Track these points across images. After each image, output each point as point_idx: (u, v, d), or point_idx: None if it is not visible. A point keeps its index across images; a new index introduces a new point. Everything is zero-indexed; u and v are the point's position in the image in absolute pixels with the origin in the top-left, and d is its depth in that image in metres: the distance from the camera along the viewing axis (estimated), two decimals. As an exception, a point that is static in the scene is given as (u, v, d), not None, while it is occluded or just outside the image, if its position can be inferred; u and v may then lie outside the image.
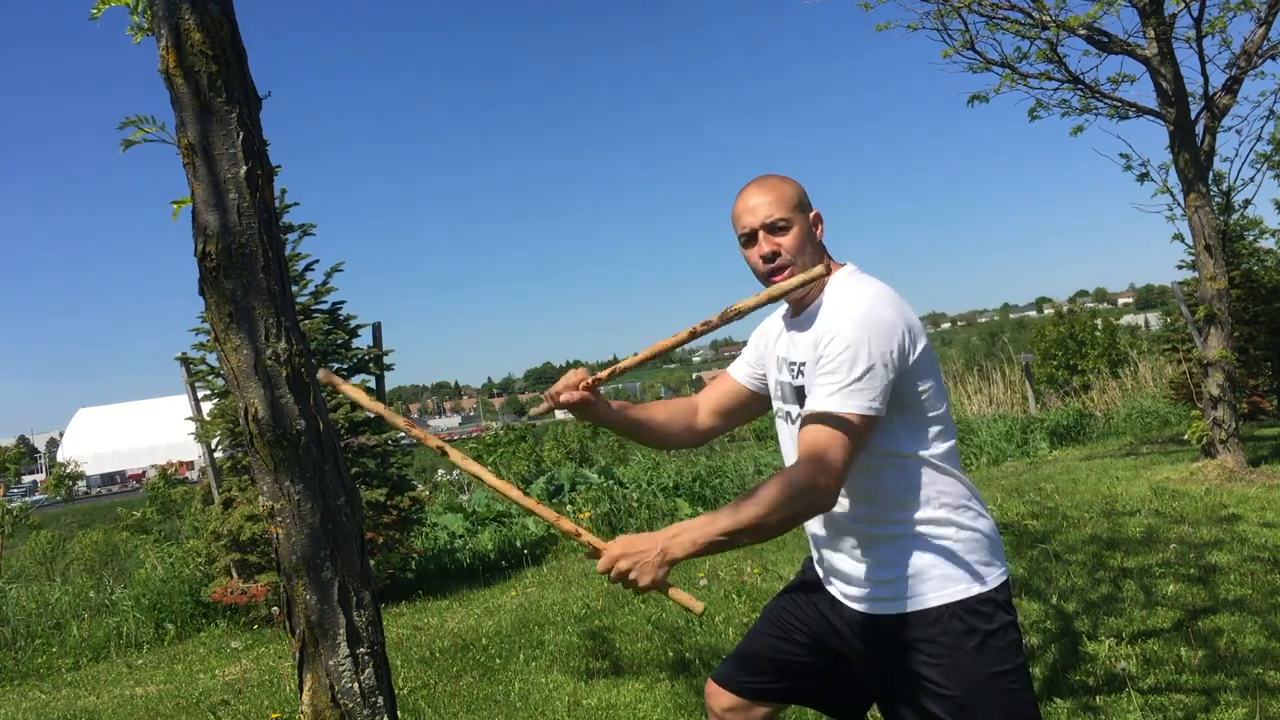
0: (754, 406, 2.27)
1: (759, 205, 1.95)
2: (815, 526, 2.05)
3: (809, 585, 2.16)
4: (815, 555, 2.12)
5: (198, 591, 6.98)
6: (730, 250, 2.11)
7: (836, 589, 2.04)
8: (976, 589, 1.84)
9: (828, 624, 2.08)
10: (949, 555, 1.86)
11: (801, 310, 2.00)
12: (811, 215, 1.99)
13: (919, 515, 1.86)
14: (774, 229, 1.94)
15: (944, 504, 1.87)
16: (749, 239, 1.97)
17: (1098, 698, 3.35)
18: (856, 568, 1.94)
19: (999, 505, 6.90)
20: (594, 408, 2.09)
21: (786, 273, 1.94)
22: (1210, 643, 3.77)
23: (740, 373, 2.24)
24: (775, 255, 1.94)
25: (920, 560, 1.86)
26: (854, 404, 1.77)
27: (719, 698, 2.22)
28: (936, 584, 1.85)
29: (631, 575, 1.71)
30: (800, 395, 1.95)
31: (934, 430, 1.88)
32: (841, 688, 2.15)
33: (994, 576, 1.87)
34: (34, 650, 6.60)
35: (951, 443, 1.92)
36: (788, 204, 1.94)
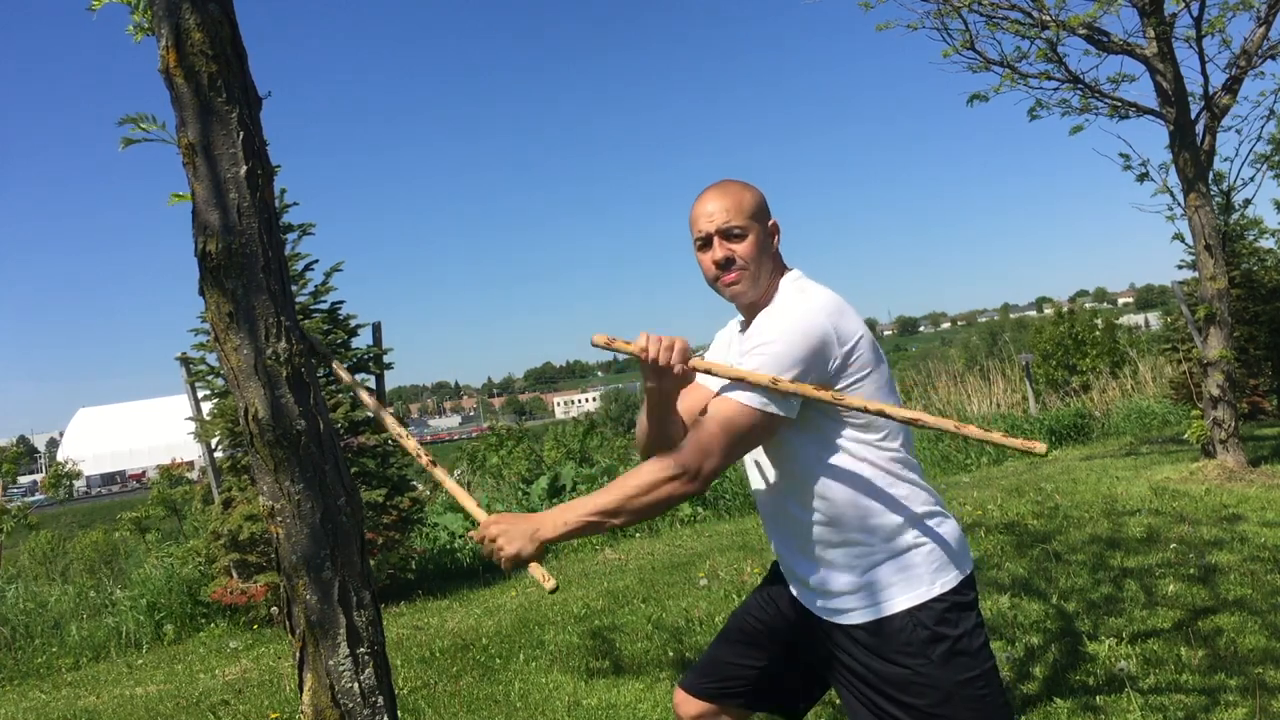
0: None
1: (716, 211, 1.94)
2: (774, 534, 2.04)
3: (775, 589, 2.15)
4: (780, 561, 2.11)
5: (197, 591, 6.98)
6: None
7: (800, 595, 2.04)
8: (937, 591, 1.83)
9: (794, 629, 2.08)
10: (908, 561, 1.85)
11: (751, 319, 1.99)
12: (769, 224, 1.98)
13: (874, 522, 1.85)
14: (729, 235, 1.94)
15: (899, 509, 1.86)
16: (704, 243, 1.97)
17: (1098, 698, 3.35)
18: (817, 575, 1.94)
19: (999, 505, 6.90)
20: (676, 387, 1.93)
21: (734, 274, 1.94)
22: (1211, 643, 3.77)
23: (709, 380, 2.16)
24: (730, 261, 1.93)
25: (878, 567, 1.85)
26: (753, 397, 1.77)
27: (687, 705, 2.21)
28: (896, 591, 1.84)
29: (499, 543, 1.79)
30: None
31: (880, 434, 1.86)
32: (806, 691, 2.16)
33: (953, 577, 1.86)
34: (34, 650, 6.60)
35: (900, 445, 1.89)
36: (745, 211, 1.94)
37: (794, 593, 2.06)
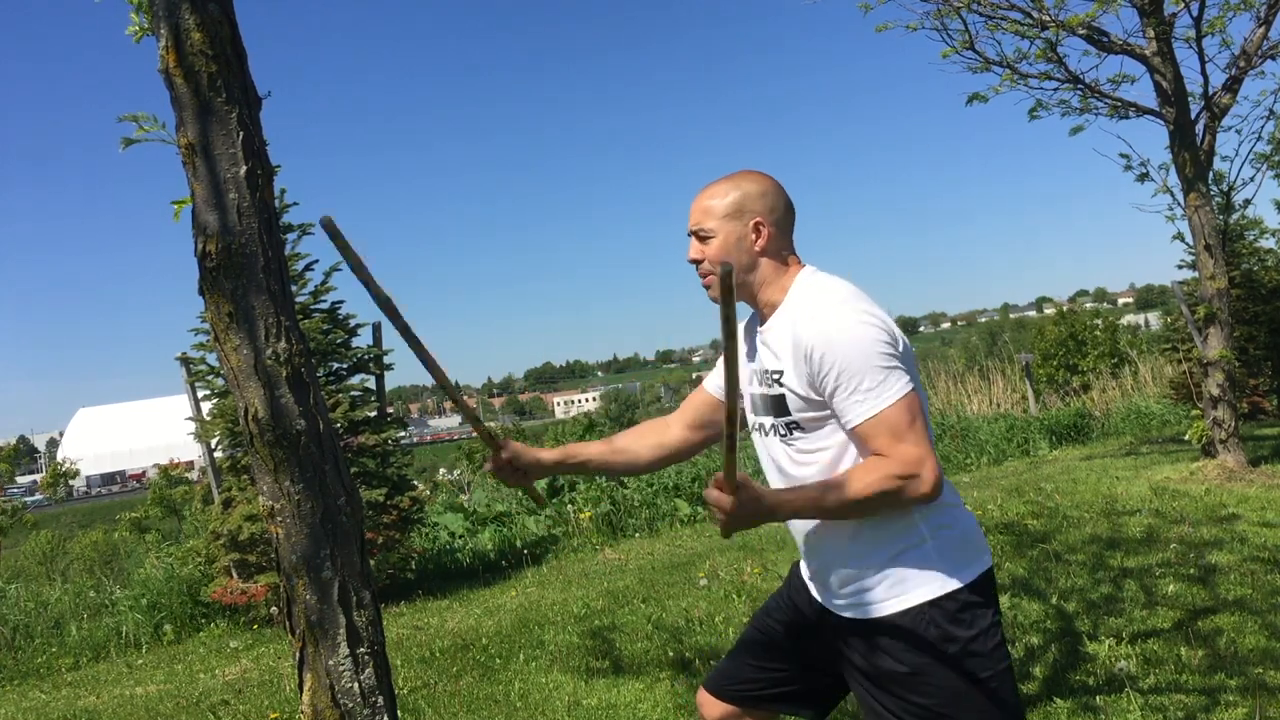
0: None
1: (693, 211, 1.99)
2: (793, 530, 2.04)
3: (796, 588, 2.15)
4: (801, 558, 2.11)
5: (197, 591, 6.98)
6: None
7: (816, 591, 2.04)
8: (951, 587, 1.83)
9: (813, 627, 2.08)
10: (923, 557, 1.84)
11: (767, 319, 1.98)
12: (750, 224, 1.94)
13: (887, 519, 1.83)
14: (699, 236, 1.97)
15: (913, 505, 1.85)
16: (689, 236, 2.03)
17: (1098, 698, 3.35)
18: (831, 572, 1.94)
19: (999, 505, 6.90)
20: (521, 473, 2.13)
21: (702, 273, 1.99)
22: (1210, 643, 3.77)
23: (713, 384, 2.20)
24: (698, 262, 1.98)
25: (890, 564, 1.85)
26: (892, 393, 1.77)
27: (711, 707, 2.21)
28: (908, 587, 1.83)
29: (729, 522, 1.69)
30: (775, 406, 1.92)
31: None
32: (829, 690, 2.16)
33: (969, 573, 1.85)
34: (34, 650, 6.60)
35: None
36: (715, 215, 1.95)
37: (811, 590, 2.07)
